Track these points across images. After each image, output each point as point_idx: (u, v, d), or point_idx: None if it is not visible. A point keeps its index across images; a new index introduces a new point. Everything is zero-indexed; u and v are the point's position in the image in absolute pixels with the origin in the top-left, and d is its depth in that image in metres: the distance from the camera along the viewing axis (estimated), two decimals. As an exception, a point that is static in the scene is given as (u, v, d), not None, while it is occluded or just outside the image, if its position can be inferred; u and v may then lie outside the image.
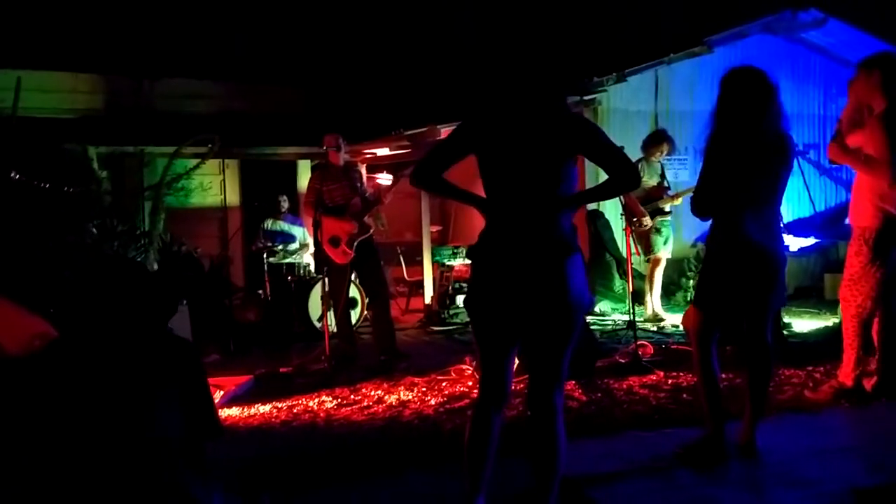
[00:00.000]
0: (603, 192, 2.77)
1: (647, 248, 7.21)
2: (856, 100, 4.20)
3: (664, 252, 7.24)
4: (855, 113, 4.21)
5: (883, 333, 4.22)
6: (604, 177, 2.69)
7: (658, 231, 7.16)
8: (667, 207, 7.18)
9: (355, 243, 5.89)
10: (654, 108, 8.90)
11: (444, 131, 8.40)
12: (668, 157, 8.94)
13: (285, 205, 8.82)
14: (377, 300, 6.06)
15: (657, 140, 7.22)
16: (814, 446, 3.55)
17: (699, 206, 3.38)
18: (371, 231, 5.99)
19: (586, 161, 3.38)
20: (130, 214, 8.11)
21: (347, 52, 11.98)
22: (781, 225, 3.74)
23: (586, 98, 8.43)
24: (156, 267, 7.64)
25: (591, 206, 8.18)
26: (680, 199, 7.28)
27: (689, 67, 8.87)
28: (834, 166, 8.96)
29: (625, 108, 8.65)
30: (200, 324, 7.04)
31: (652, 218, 7.13)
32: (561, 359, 2.60)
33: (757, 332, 3.41)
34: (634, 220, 7.14)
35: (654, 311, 7.31)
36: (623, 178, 2.57)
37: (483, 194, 2.67)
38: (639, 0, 10.46)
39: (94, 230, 7.40)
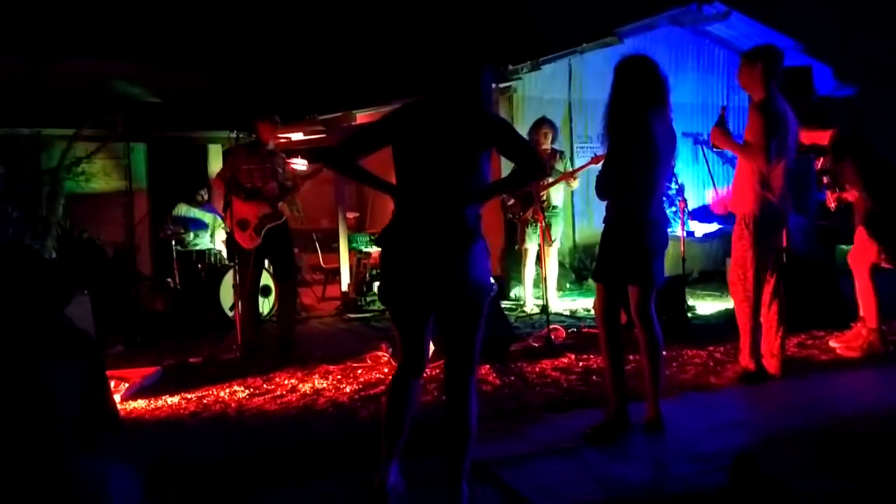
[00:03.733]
0: (511, 183, 2.93)
1: (521, 240, 7.27)
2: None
3: (532, 245, 7.19)
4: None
5: (779, 317, 4.45)
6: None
7: (532, 223, 7.12)
8: (544, 197, 6.99)
9: (264, 229, 5.72)
10: (567, 97, 9.07)
11: (360, 116, 8.32)
12: (582, 145, 9.17)
13: (205, 196, 8.52)
14: (284, 289, 6.00)
15: (535, 126, 7.17)
16: (713, 422, 3.71)
17: (603, 190, 3.57)
18: (283, 218, 5.83)
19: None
20: (26, 200, 7.69)
21: (259, 34, 11.67)
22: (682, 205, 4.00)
23: (502, 86, 8.50)
24: (54, 255, 7.29)
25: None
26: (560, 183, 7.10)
27: (601, 57, 9.06)
28: (717, 150, 9.28)
29: (539, 96, 8.77)
30: (104, 314, 6.75)
31: (525, 210, 7.08)
32: (471, 342, 2.73)
33: (643, 305, 3.58)
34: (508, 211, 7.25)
35: (524, 300, 7.38)
36: (530, 169, 2.74)
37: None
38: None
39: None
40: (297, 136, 9.45)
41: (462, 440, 2.69)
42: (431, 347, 4.60)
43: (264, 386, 4.83)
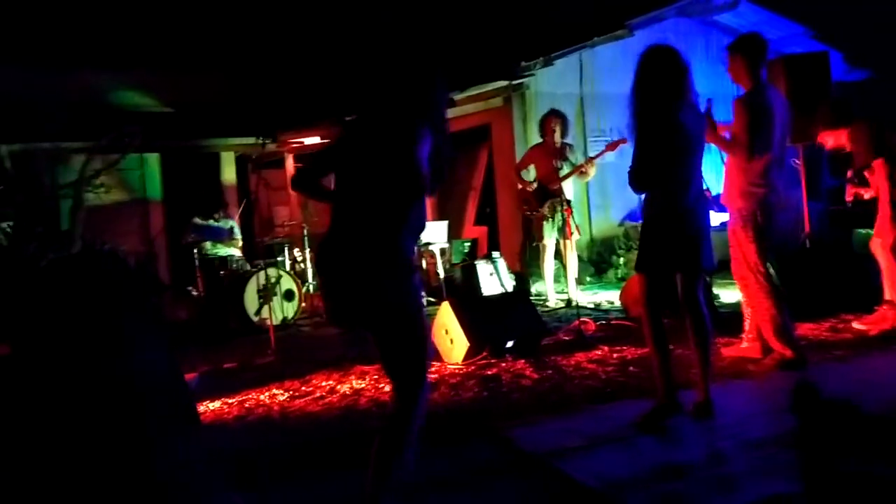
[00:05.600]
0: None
1: (539, 235, 7.27)
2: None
3: (551, 240, 7.18)
4: None
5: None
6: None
7: (548, 218, 7.12)
8: (566, 193, 6.89)
9: None
10: (579, 91, 9.10)
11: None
12: (595, 139, 9.20)
13: (222, 215, 8.50)
14: None
15: (543, 119, 7.17)
16: (760, 409, 3.75)
17: (639, 182, 3.56)
18: None
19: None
20: (47, 214, 7.72)
21: (273, 38, 11.68)
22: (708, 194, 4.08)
23: (514, 83, 8.55)
24: (80, 267, 7.32)
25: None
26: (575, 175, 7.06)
27: (612, 50, 9.11)
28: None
29: (552, 92, 8.81)
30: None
31: (542, 204, 7.09)
32: (398, 361, 2.60)
33: (690, 292, 3.60)
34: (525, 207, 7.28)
35: (547, 295, 7.41)
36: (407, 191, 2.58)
37: None
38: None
39: (10, 231, 7.03)
40: (313, 140, 9.48)
41: (393, 452, 2.54)
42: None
43: (303, 388, 4.86)
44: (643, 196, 3.68)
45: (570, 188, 7.21)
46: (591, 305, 7.16)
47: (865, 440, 2.46)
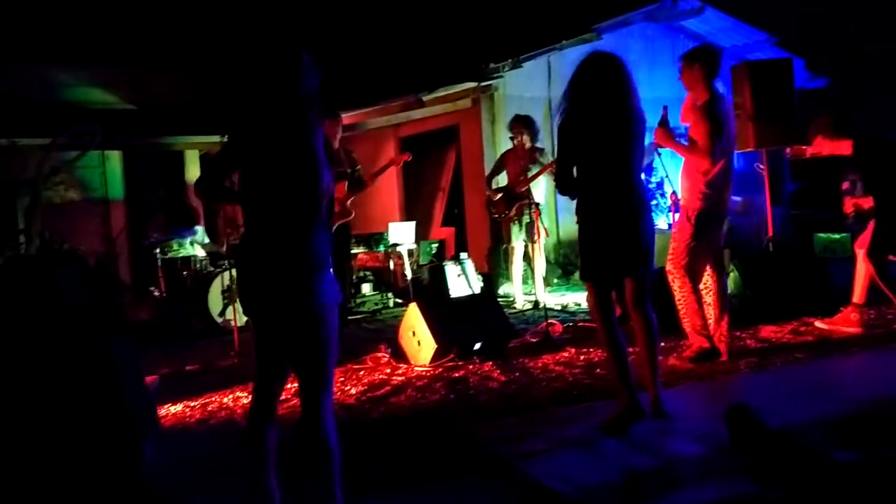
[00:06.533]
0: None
1: (507, 238, 7.32)
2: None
3: (519, 242, 7.22)
4: (691, 102, 4.56)
5: (720, 302, 4.64)
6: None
7: (516, 221, 7.17)
8: (535, 196, 6.90)
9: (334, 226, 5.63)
10: (547, 94, 9.12)
11: (345, 118, 8.28)
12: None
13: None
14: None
15: (508, 126, 7.25)
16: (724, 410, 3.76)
17: (563, 186, 3.61)
18: (351, 216, 5.61)
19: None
20: (3, 212, 7.53)
21: (237, 35, 11.53)
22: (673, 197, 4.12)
23: (483, 84, 8.54)
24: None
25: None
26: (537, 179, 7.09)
27: (580, 53, 9.07)
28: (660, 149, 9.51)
29: (520, 95, 8.82)
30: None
31: (510, 208, 7.15)
32: (312, 363, 2.55)
33: (640, 296, 3.62)
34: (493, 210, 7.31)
35: (514, 296, 7.44)
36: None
37: None
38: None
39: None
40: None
41: (323, 460, 2.50)
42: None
43: (267, 391, 4.78)
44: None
45: (538, 191, 7.23)
46: (559, 307, 7.18)
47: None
